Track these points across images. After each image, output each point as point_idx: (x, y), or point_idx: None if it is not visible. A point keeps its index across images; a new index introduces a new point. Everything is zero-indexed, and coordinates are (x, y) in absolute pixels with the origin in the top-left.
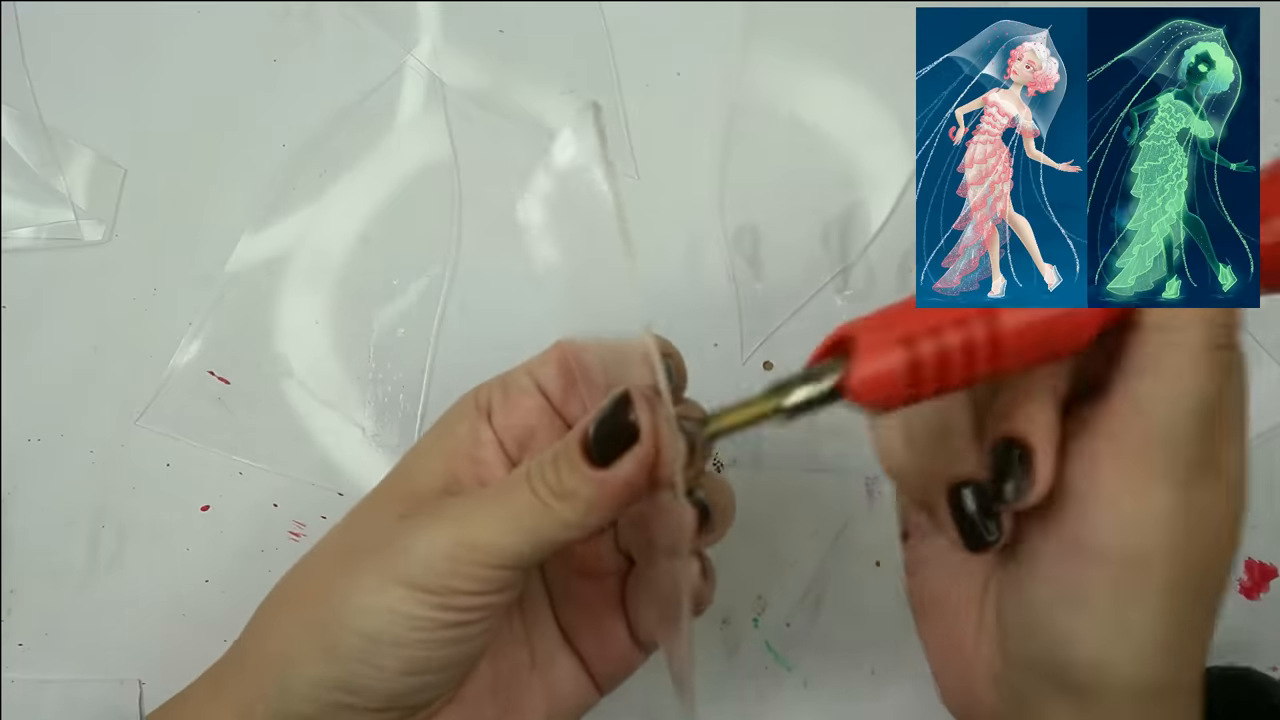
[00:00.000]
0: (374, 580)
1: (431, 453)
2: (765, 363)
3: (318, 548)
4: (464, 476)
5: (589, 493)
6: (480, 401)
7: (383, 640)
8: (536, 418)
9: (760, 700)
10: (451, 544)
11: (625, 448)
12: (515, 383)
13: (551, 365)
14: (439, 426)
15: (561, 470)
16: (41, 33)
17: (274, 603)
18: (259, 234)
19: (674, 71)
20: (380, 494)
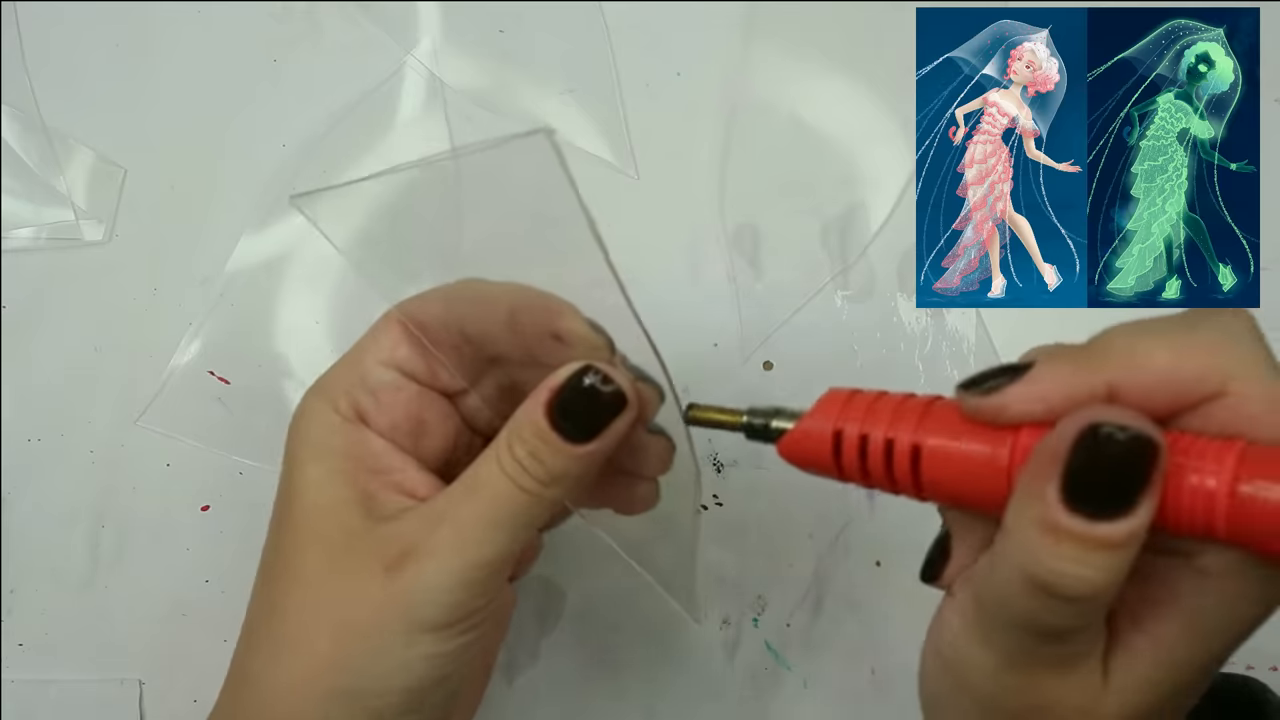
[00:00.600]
0: (399, 639)
1: (325, 482)
2: (765, 363)
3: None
4: (378, 493)
5: (577, 469)
6: (343, 409)
7: (425, 685)
8: (418, 405)
9: (760, 700)
10: (464, 571)
11: (613, 417)
12: (377, 378)
13: (404, 345)
14: (311, 449)
15: (544, 458)
16: (41, 33)
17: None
18: (259, 234)
19: (674, 71)
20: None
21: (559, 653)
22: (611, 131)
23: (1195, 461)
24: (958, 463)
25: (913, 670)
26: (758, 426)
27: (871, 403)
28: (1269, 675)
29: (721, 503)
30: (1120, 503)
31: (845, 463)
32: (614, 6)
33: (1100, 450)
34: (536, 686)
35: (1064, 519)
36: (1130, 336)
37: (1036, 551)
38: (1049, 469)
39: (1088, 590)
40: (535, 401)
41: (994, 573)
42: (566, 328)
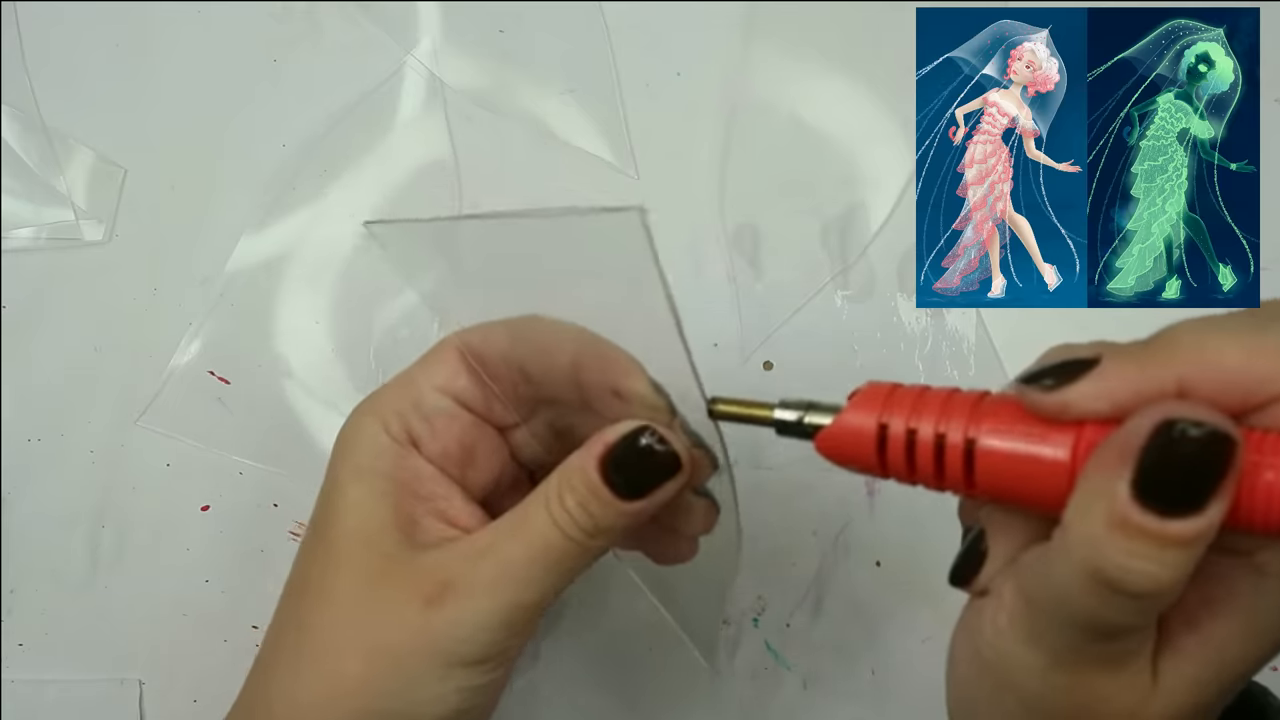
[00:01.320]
0: (435, 672)
1: (369, 503)
2: (765, 363)
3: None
4: (421, 519)
5: (624, 524)
6: (395, 431)
7: (455, 717)
8: (471, 435)
9: (760, 700)
10: (504, 612)
11: (665, 480)
12: (432, 405)
13: (463, 374)
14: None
15: (594, 511)
16: (41, 33)
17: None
18: (259, 234)
19: (674, 71)
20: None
21: (559, 653)
22: (611, 131)
23: (1270, 459)
24: (1016, 459)
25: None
26: (790, 422)
27: (918, 396)
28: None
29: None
30: (1194, 500)
31: (890, 458)
32: (614, 6)
33: (1175, 446)
34: (537, 687)
35: (1135, 515)
36: (1199, 334)
37: (1104, 547)
38: (1120, 464)
39: (1154, 587)
40: (589, 453)
41: (1051, 569)
42: (629, 387)
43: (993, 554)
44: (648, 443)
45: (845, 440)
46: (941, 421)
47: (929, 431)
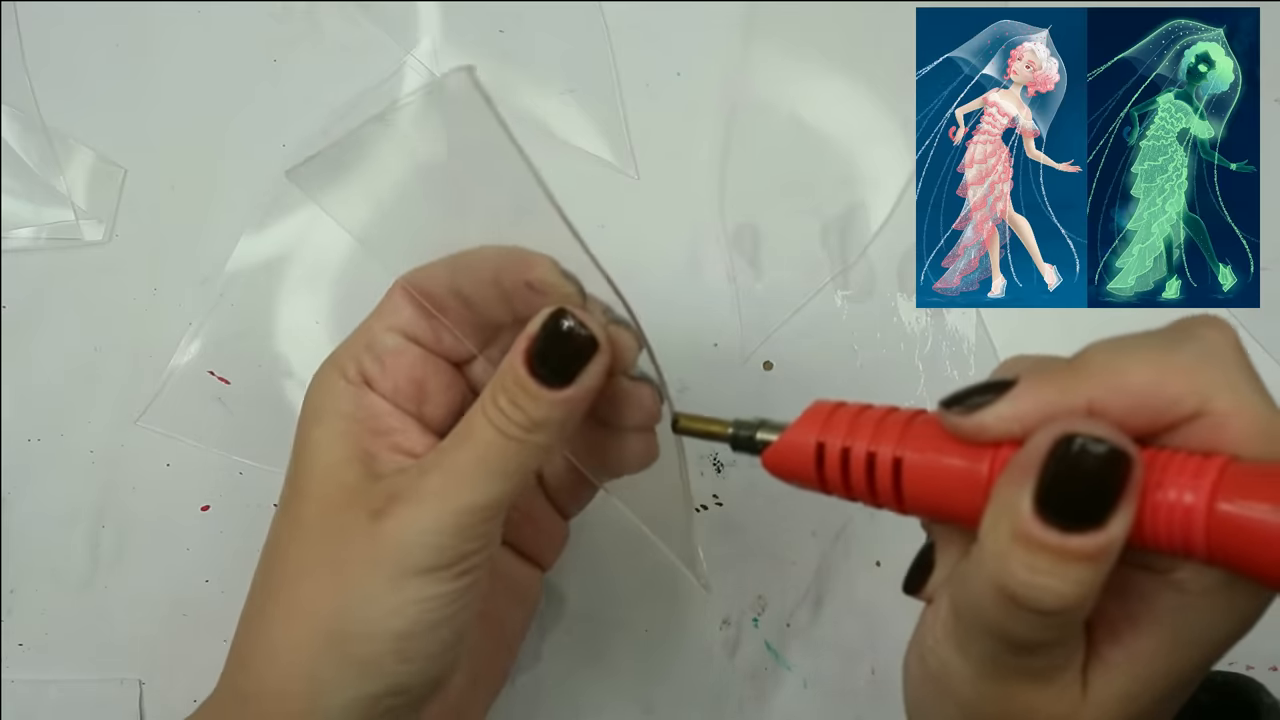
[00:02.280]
0: (387, 582)
1: (328, 443)
2: (765, 363)
3: (282, 570)
4: (379, 453)
5: (558, 415)
6: (350, 374)
7: (416, 632)
8: (421, 369)
9: (760, 700)
10: (451, 516)
11: (585, 361)
12: (382, 343)
13: (408, 309)
14: (317, 414)
15: (525, 405)
16: (41, 33)
17: (267, 631)
18: (259, 234)
19: (674, 71)
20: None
21: (560, 653)
22: (611, 131)
23: (1174, 477)
24: (938, 477)
25: None
26: (742, 438)
27: (855, 416)
28: (1269, 675)
29: (721, 503)
30: (1094, 515)
31: (828, 475)
32: (614, 6)
33: (1074, 461)
34: (537, 686)
35: (1036, 530)
36: (1110, 354)
37: (1008, 562)
38: (1022, 480)
39: (1058, 603)
40: (515, 351)
41: (968, 583)
42: (538, 276)
43: (939, 564)
44: (567, 325)
45: (787, 457)
46: (874, 441)
47: (861, 450)
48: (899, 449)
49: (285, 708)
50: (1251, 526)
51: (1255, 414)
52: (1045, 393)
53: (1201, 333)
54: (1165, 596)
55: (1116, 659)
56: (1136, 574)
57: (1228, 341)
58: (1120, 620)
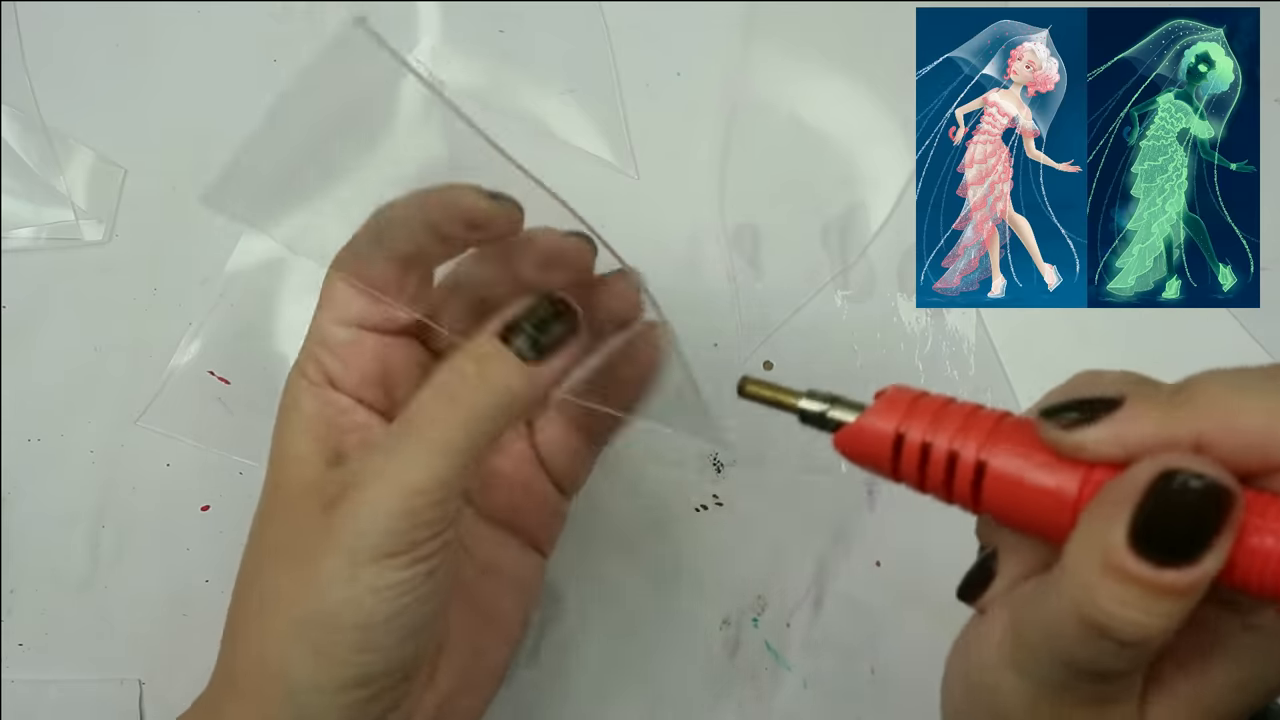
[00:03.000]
0: (342, 571)
1: (293, 441)
2: (765, 363)
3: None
4: (346, 448)
5: (520, 384)
6: (311, 375)
7: (374, 623)
8: (381, 355)
9: (760, 700)
10: (398, 500)
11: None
12: (335, 338)
13: (356, 298)
14: (284, 418)
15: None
16: (41, 33)
17: (245, 618)
18: (259, 234)
19: (674, 71)
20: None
21: (559, 653)
22: (611, 131)
23: (1273, 524)
24: (1023, 488)
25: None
26: (813, 414)
27: (940, 409)
28: None
29: (721, 503)
30: (1188, 551)
31: (904, 466)
32: (614, 6)
33: (1174, 497)
34: (536, 687)
35: (1129, 562)
36: (1223, 389)
37: (1095, 592)
38: (1118, 510)
39: (1143, 635)
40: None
41: (1044, 605)
42: (471, 208)
43: (1001, 575)
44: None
45: (863, 441)
46: (958, 439)
47: (944, 447)
48: (984, 452)
49: (265, 694)
50: None
51: None
52: (1151, 420)
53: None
54: (1239, 637)
55: (1182, 691)
56: (1212, 609)
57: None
58: (1189, 653)
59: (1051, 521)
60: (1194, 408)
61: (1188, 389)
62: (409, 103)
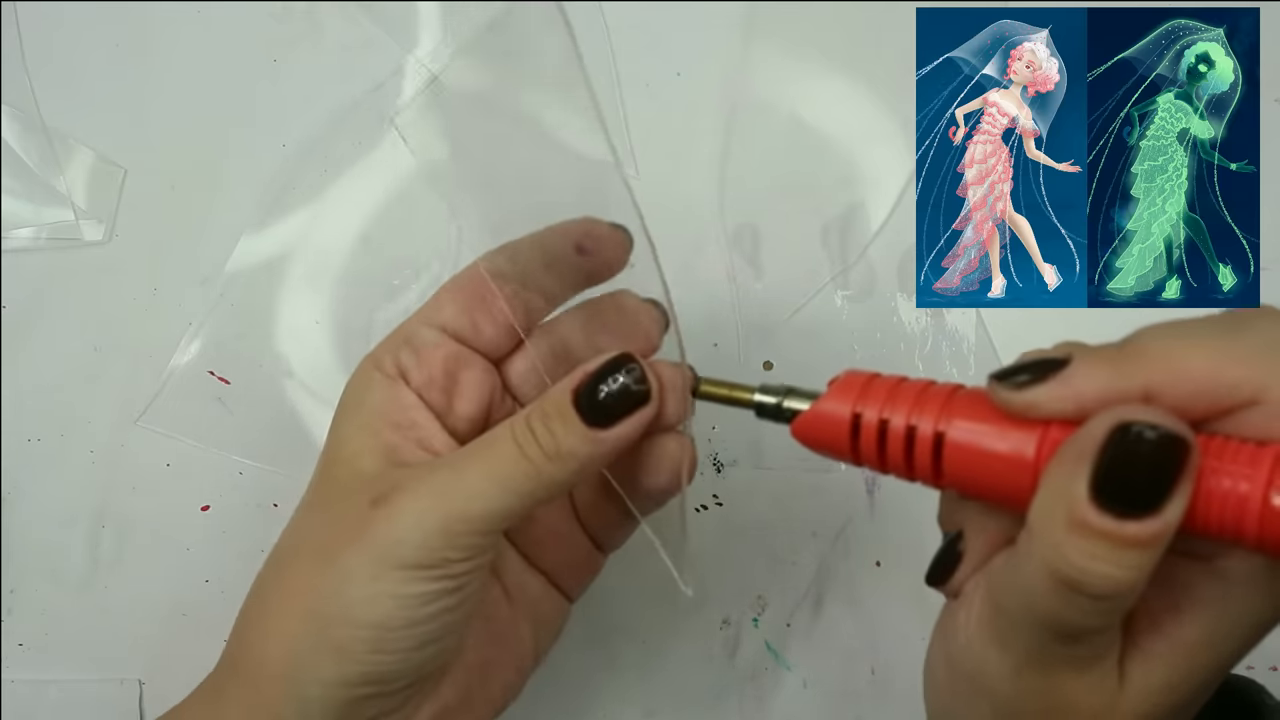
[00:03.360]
0: (368, 569)
1: (353, 434)
2: (765, 363)
3: (285, 550)
4: (401, 447)
5: (586, 452)
6: (386, 367)
7: (392, 625)
8: (455, 360)
9: (760, 700)
10: (443, 519)
11: (631, 410)
12: (420, 337)
13: (449, 307)
14: (348, 406)
15: (557, 432)
16: (41, 33)
17: (261, 607)
18: (259, 234)
19: (674, 71)
20: (324, 489)
21: (559, 653)
22: (611, 131)
23: (1229, 465)
24: (982, 455)
25: (913, 670)
26: (769, 406)
27: (893, 387)
28: (1269, 675)
29: (721, 503)
30: (1150, 501)
31: (863, 447)
32: (614, 6)
33: (1131, 448)
34: (537, 686)
35: (1093, 516)
36: (1168, 339)
37: (1064, 548)
38: (1078, 466)
39: (1114, 588)
40: (567, 379)
41: (1017, 571)
42: (591, 230)
43: (969, 555)
44: (624, 378)
45: (820, 427)
46: (914, 413)
47: (900, 422)
48: (941, 423)
49: (267, 681)
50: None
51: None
52: (1101, 374)
53: (1259, 323)
54: (1208, 584)
55: (1158, 649)
56: (1179, 561)
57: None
58: (1162, 610)
59: (1014, 485)
60: (1141, 359)
61: (1132, 343)
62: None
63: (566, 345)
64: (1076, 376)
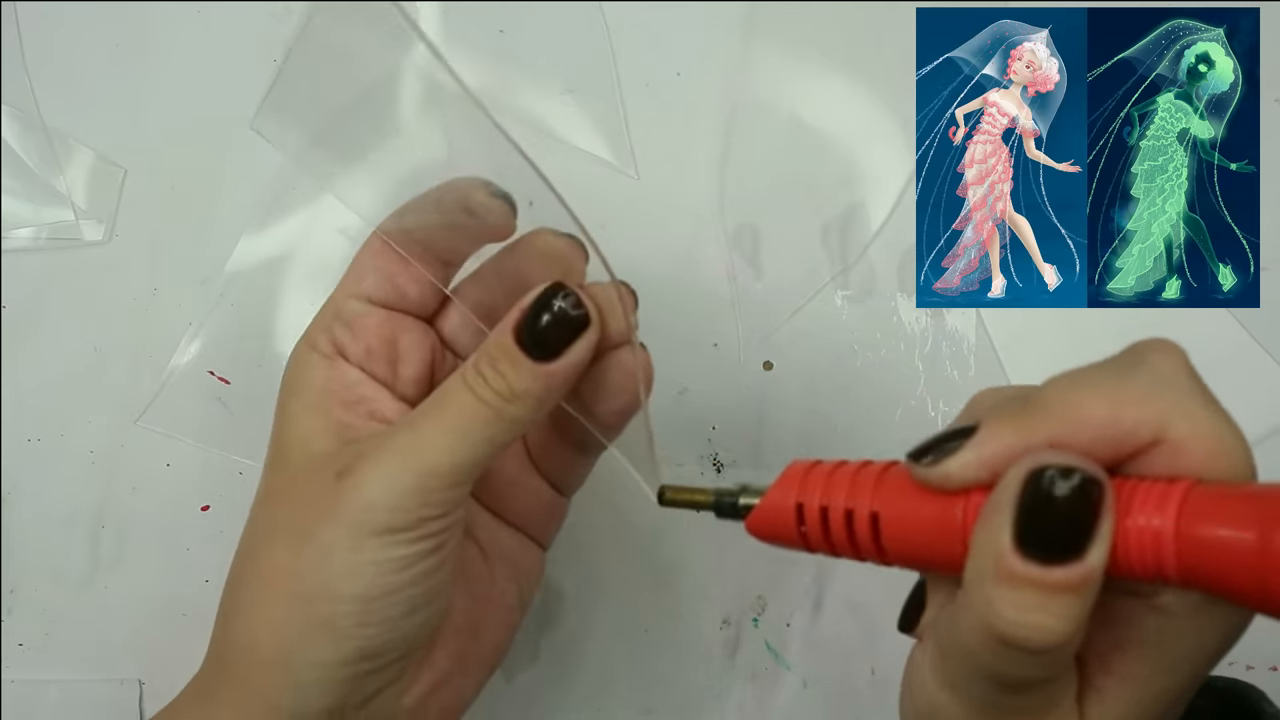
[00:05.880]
0: (345, 541)
1: (301, 417)
2: (765, 363)
3: (255, 538)
4: (352, 423)
5: (539, 388)
6: (322, 346)
7: (376, 595)
8: (389, 327)
9: (760, 700)
10: (413, 477)
11: (574, 336)
12: (348, 310)
13: (370, 276)
14: (291, 390)
15: (507, 373)
16: (41, 33)
17: (241, 597)
18: (259, 234)
19: (674, 71)
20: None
21: (559, 653)
22: (611, 131)
23: (1141, 504)
24: (915, 528)
25: None
26: (725, 505)
27: (830, 472)
28: (1269, 675)
29: None
30: (1073, 545)
31: (810, 534)
32: (614, 6)
33: (1046, 493)
34: (536, 686)
35: (1018, 565)
36: (1064, 390)
37: (995, 603)
38: (999, 518)
39: (1049, 640)
40: (505, 320)
41: (958, 627)
42: (474, 200)
43: (930, 602)
44: (560, 305)
45: (769, 520)
46: (850, 497)
47: (839, 507)
48: (874, 503)
49: (258, 670)
50: (1219, 546)
51: (1211, 436)
52: (1006, 435)
53: (1151, 359)
54: (1150, 620)
55: (1110, 687)
56: (1119, 600)
57: (1177, 365)
58: (1109, 649)
59: (948, 553)
60: (1043, 413)
61: (1034, 397)
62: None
63: (493, 293)
64: (984, 442)
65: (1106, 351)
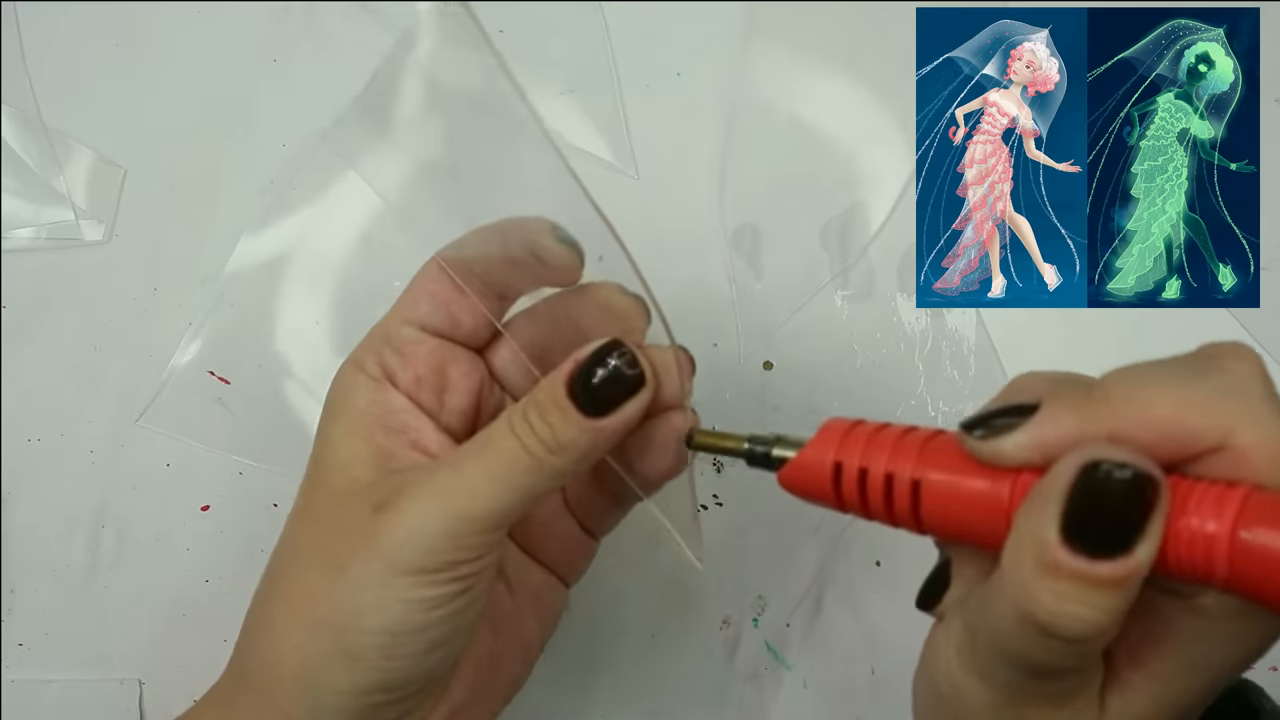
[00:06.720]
0: (376, 576)
1: (343, 440)
2: (765, 363)
3: (287, 556)
4: (394, 450)
5: (585, 442)
6: (370, 369)
7: (402, 631)
8: (439, 356)
9: (760, 700)
10: (448, 521)
11: (627, 395)
12: (400, 336)
13: (424, 303)
14: (335, 411)
15: (555, 424)
16: (41, 33)
17: (268, 615)
18: (259, 234)
19: (674, 71)
20: (319, 496)
21: (559, 653)
22: (611, 131)
23: (1197, 505)
24: (957, 500)
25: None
26: (758, 454)
27: (873, 434)
28: (1269, 675)
29: (721, 503)
30: (1120, 541)
31: (845, 494)
32: (614, 6)
33: (1100, 488)
34: (537, 686)
35: (1063, 558)
36: (1134, 385)
37: (1034, 591)
38: (1048, 507)
39: (1085, 631)
40: (559, 371)
41: (990, 610)
42: (542, 245)
43: (955, 581)
44: (616, 362)
45: (804, 476)
46: (892, 461)
47: (879, 470)
48: (917, 470)
49: (280, 689)
50: (1273, 556)
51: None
52: (1066, 421)
53: (1227, 364)
54: (1187, 621)
55: (1137, 682)
56: (1158, 597)
57: (1253, 372)
58: (1141, 643)
59: (989, 530)
60: (1107, 404)
61: (1099, 387)
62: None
63: (547, 335)
64: (1043, 424)
65: (1107, 351)
